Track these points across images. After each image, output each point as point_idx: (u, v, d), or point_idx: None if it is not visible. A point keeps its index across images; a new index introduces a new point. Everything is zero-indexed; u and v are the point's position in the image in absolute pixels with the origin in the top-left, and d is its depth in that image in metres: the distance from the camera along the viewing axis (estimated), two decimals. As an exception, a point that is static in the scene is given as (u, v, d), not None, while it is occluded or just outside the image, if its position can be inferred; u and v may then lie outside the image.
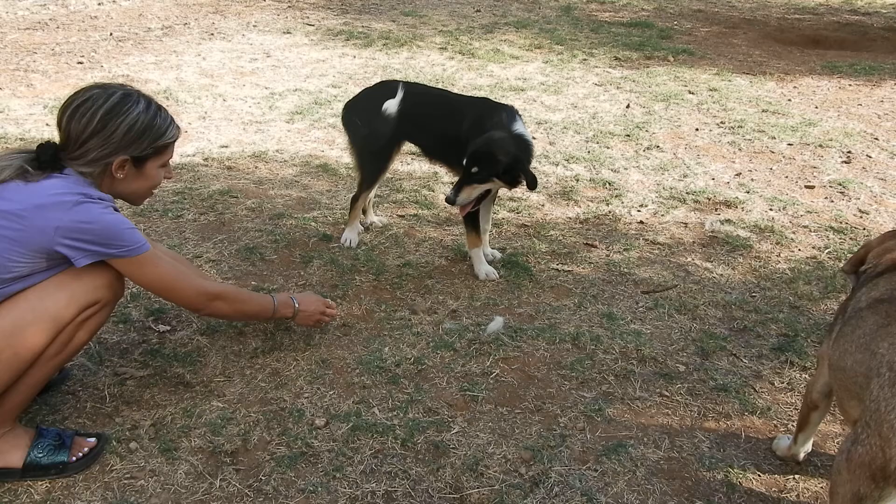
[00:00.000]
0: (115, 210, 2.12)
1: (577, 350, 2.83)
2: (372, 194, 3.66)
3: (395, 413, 2.45)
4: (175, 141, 2.28)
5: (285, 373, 2.65)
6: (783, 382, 2.72)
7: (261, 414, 2.44)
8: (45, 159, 2.07)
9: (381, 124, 3.29)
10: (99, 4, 9.63)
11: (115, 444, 2.29)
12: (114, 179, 2.17)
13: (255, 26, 8.35)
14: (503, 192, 4.21)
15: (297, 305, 2.62)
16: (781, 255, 3.68)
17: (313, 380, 2.61)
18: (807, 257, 3.66)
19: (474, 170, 2.97)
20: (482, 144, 2.98)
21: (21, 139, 4.76)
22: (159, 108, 2.22)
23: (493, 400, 2.54)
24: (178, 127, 2.29)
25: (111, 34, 7.74)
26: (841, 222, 4.03)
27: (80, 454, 2.22)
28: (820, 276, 3.48)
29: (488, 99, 3.39)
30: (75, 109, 2.10)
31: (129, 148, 2.14)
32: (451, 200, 3.03)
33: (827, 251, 3.72)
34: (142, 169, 2.22)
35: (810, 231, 3.94)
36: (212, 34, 7.90)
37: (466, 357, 2.75)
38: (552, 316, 3.04)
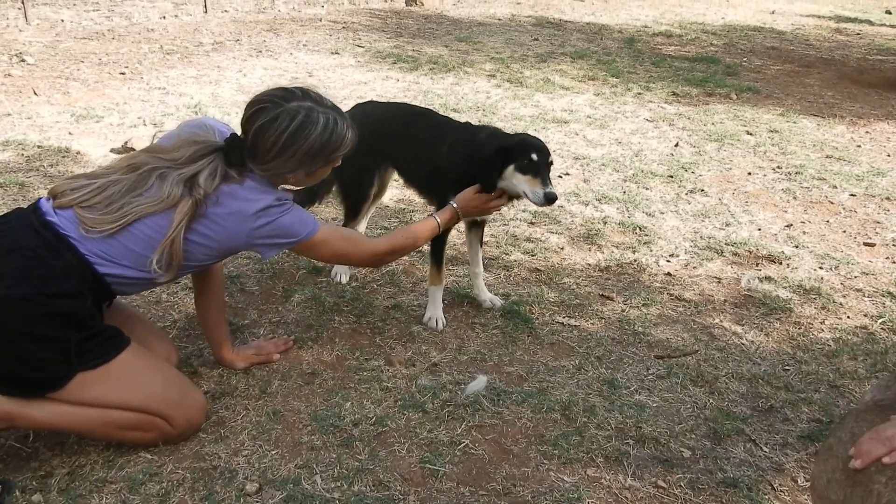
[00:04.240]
0: (291, 206, 2.28)
1: (565, 422, 2.46)
2: (361, 227, 3.38)
3: (338, 484, 2.13)
4: (347, 151, 2.36)
5: (230, 423, 2.36)
6: (808, 480, 2.29)
7: (189, 471, 2.15)
8: (234, 160, 2.21)
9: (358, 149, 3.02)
10: (162, 18, 9.76)
11: (18, 494, 2.04)
12: (286, 181, 2.36)
13: (304, 45, 8.26)
14: (519, 230, 3.89)
15: (456, 205, 2.70)
16: (826, 322, 3.22)
17: (258, 434, 2.32)
18: (856, 327, 3.20)
19: (550, 159, 2.69)
20: (537, 139, 2.73)
21: (39, 146, 4.68)
22: (336, 121, 2.27)
23: (456, 476, 2.20)
24: (353, 134, 2.33)
25: (160, 47, 7.76)
26: (902, 288, 3.55)
27: (-17, 502, 2.00)
28: (869, 350, 3.02)
29: (470, 123, 3.08)
30: (262, 128, 2.19)
31: (304, 166, 2.28)
32: (554, 194, 2.60)
33: (881, 321, 3.25)
34: (312, 175, 2.37)
35: (864, 296, 3.47)
36: (260, 51, 7.83)
37: (436, 421, 2.41)
38: (545, 378, 2.68)
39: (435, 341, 2.87)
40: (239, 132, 2.29)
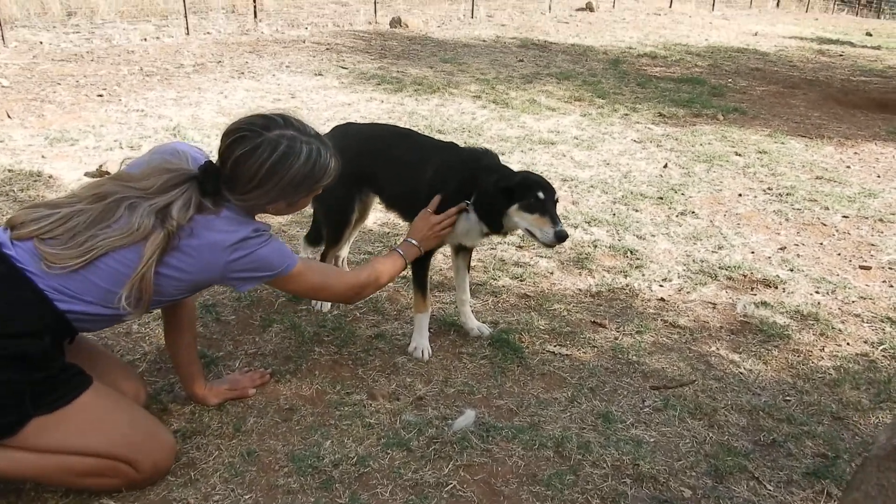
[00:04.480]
0: (269, 237, 2.15)
1: (559, 460, 2.32)
2: (343, 253, 3.24)
3: (316, 531, 1.98)
4: (330, 180, 2.24)
5: (201, 465, 2.20)
6: (816, 521, 2.17)
7: (154, 520, 2.00)
8: (209, 190, 2.08)
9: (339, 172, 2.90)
10: (143, 40, 9.63)
11: (-34, 549, 1.88)
12: (265, 211, 2.24)
13: (287, 67, 8.16)
14: (507, 254, 3.77)
15: (415, 242, 2.62)
16: (826, 349, 3.11)
17: (231, 477, 2.16)
18: (856, 354, 3.09)
19: (556, 196, 2.59)
20: (540, 176, 2.63)
21: (10, 170, 4.52)
22: (319, 151, 2.15)
23: (443, 521, 2.05)
24: (336, 163, 2.21)
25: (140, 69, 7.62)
26: (901, 313, 3.45)
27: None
28: (871, 378, 2.91)
29: (455, 144, 2.94)
30: (242, 158, 2.07)
31: (286, 197, 2.17)
32: (565, 232, 2.49)
33: (882, 348, 3.14)
34: (293, 206, 2.27)
35: (863, 321, 3.36)
36: (241, 73, 7.71)
37: (422, 460, 2.26)
38: (537, 412, 2.54)
39: (420, 373, 2.73)
40: (215, 157, 2.16)
